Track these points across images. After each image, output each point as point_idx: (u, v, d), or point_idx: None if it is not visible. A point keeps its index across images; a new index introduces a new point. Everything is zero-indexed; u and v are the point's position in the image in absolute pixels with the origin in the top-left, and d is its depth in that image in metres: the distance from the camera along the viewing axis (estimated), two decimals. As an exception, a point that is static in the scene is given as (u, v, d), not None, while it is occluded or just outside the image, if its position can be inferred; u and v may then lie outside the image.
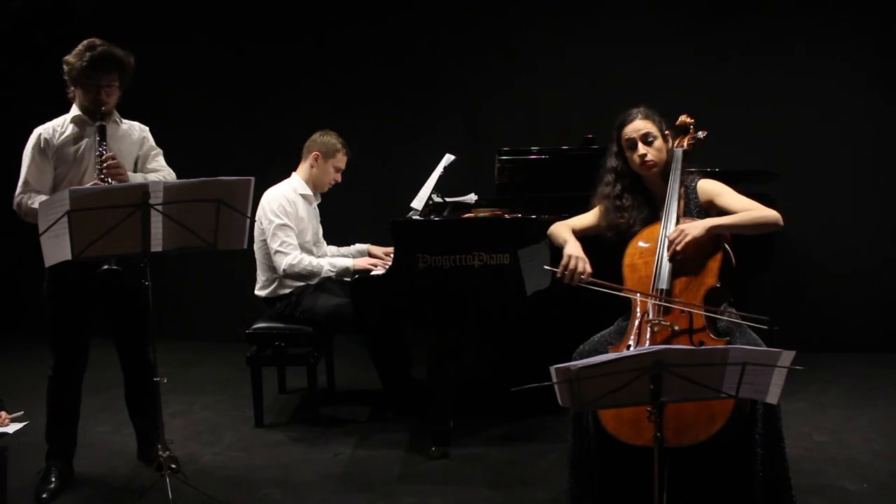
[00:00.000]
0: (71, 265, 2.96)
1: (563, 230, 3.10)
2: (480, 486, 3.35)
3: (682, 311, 2.74)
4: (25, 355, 5.04)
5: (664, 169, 2.98)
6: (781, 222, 2.83)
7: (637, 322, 2.81)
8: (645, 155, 2.94)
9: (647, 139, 2.95)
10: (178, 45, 5.59)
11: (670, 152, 3.00)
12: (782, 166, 4.47)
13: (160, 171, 3.45)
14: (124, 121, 3.44)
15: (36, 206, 3.15)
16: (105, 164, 3.17)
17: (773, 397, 2.22)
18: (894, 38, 4.86)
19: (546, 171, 4.24)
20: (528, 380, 2.28)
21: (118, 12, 5.55)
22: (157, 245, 2.99)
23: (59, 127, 3.31)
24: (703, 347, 2.53)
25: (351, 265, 3.96)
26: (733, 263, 2.85)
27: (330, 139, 4.18)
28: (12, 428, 3.44)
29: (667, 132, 3.01)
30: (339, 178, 4.24)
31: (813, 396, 4.19)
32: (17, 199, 3.27)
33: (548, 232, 3.18)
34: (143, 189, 2.90)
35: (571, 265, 2.90)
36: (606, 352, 2.78)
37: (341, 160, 4.20)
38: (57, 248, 2.85)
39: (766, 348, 2.46)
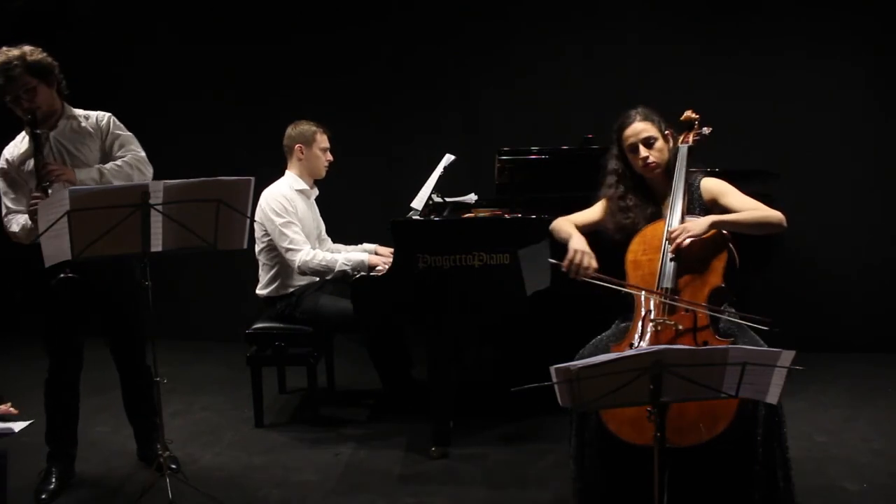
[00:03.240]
0: (50, 268, 2.92)
1: (567, 225, 3.09)
2: (480, 486, 3.35)
3: (686, 311, 2.74)
4: (25, 355, 5.02)
5: (667, 167, 2.98)
6: (785, 223, 2.83)
7: (640, 320, 2.80)
8: (647, 158, 2.94)
9: (648, 142, 2.95)
10: (178, 45, 5.59)
11: (672, 150, 2.99)
12: (782, 166, 4.47)
13: (125, 156, 3.30)
14: (83, 112, 3.32)
15: (13, 228, 3.18)
16: (42, 172, 3.06)
17: (773, 397, 2.22)
18: (894, 38, 4.86)
19: (546, 171, 4.24)
20: (528, 380, 2.28)
21: (118, 12, 5.55)
22: (156, 245, 2.99)
23: (19, 144, 3.27)
24: (703, 347, 2.53)
25: (366, 259, 3.96)
26: (737, 263, 2.85)
27: (303, 127, 4.19)
28: (17, 426, 3.45)
29: (667, 131, 3.01)
30: (329, 156, 4.25)
31: (813, 396, 4.19)
32: (4, 224, 3.24)
33: (550, 227, 3.16)
34: (143, 189, 2.90)
35: (577, 259, 2.89)
36: (608, 350, 2.77)
37: (323, 140, 4.21)
38: (57, 248, 2.84)
39: (766, 348, 2.46)
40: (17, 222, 3.19)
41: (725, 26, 5.04)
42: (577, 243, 2.95)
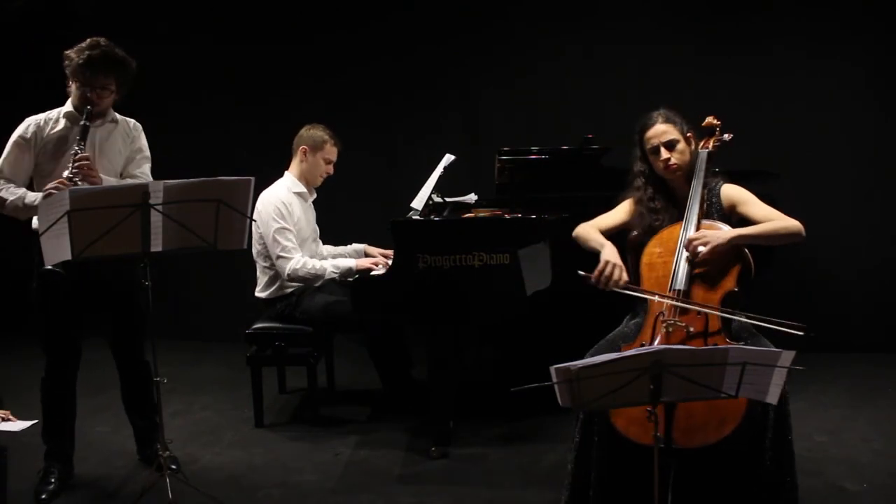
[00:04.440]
0: (59, 266, 2.95)
1: (594, 233, 3.02)
2: (480, 486, 3.35)
3: (699, 314, 2.73)
4: (25, 355, 5.01)
5: (688, 170, 2.96)
6: (803, 233, 2.80)
7: (653, 321, 2.79)
8: (668, 159, 2.92)
9: (669, 144, 2.92)
10: (178, 45, 5.59)
11: (694, 153, 2.98)
12: (782, 166, 4.47)
13: (140, 178, 3.38)
14: (119, 118, 3.40)
15: (3, 195, 3.19)
16: (76, 164, 3.11)
17: (772, 397, 2.22)
18: (894, 38, 4.86)
19: (546, 171, 4.24)
20: (528, 380, 2.28)
21: (118, 12, 5.55)
22: (157, 245, 2.99)
23: (53, 119, 3.29)
24: (703, 347, 2.53)
25: (354, 265, 3.96)
26: (752, 269, 2.83)
27: (317, 132, 4.16)
28: (20, 426, 3.44)
29: (689, 133, 2.98)
30: (330, 170, 4.22)
31: (813, 396, 4.19)
32: None
33: (574, 234, 3.09)
34: (143, 189, 2.90)
35: (607, 272, 2.85)
36: (619, 350, 2.76)
37: (330, 152, 4.18)
38: (57, 248, 2.84)
39: (765, 348, 2.46)
40: (14, 193, 3.21)
41: (725, 26, 5.04)
42: (609, 254, 2.90)
